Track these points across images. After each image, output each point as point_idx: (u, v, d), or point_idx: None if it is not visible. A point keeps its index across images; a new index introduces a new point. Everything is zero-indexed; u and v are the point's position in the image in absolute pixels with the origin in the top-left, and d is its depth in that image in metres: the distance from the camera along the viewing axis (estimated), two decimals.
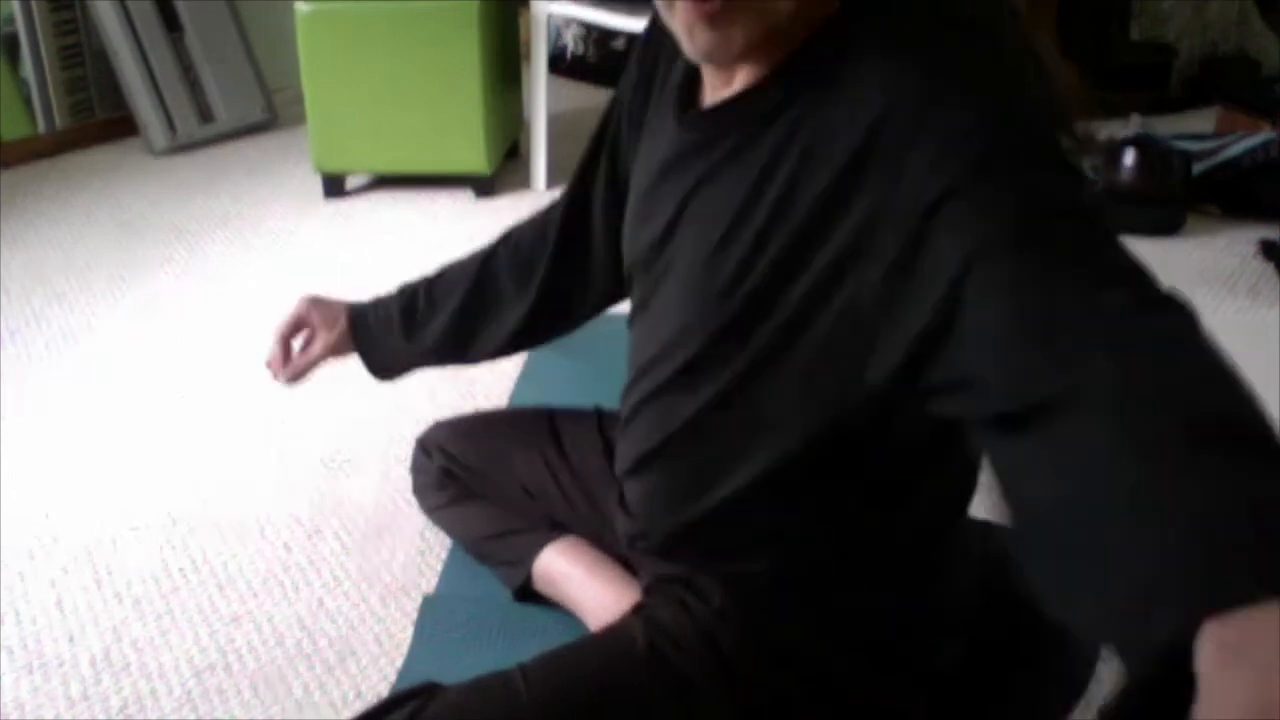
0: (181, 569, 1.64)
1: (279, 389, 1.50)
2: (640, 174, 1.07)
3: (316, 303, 1.46)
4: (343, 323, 1.43)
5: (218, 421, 2.07)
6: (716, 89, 0.94)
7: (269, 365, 1.47)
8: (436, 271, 1.42)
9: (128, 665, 1.46)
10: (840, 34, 0.84)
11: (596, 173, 1.25)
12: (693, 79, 0.99)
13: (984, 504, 1.01)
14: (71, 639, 1.51)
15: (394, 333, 1.40)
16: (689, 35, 0.85)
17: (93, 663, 1.46)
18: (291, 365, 1.45)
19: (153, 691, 1.41)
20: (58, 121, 3.73)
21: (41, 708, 1.39)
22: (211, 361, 2.30)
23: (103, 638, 1.51)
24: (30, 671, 1.45)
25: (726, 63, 0.89)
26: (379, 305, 1.43)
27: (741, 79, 0.91)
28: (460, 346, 1.39)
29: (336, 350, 1.44)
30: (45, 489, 1.87)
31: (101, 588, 1.61)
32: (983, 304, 0.69)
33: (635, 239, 1.07)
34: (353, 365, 1.50)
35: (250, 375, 2.19)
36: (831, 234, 0.81)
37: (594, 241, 1.28)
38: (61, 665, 1.46)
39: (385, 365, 1.46)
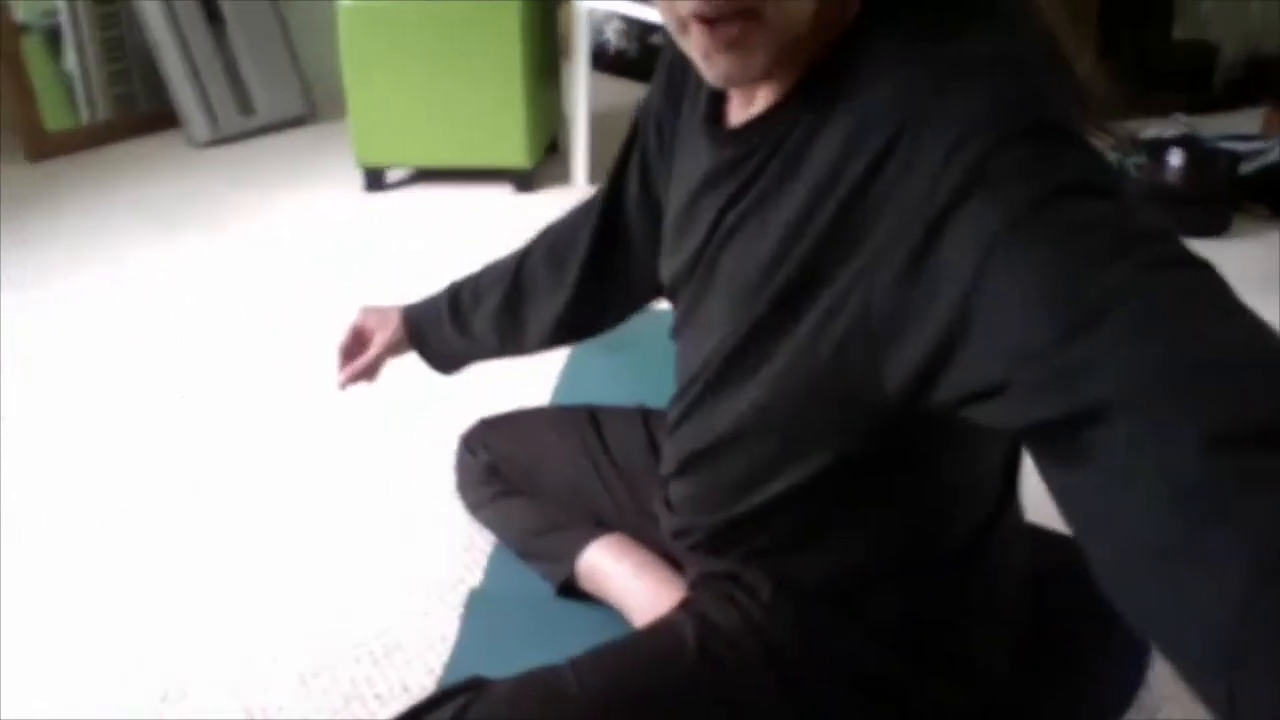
0: (225, 558, 1.66)
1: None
2: (676, 190, 1.07)
3: (370, 310, 1.52)
4: (396, 322, 1.47)
5: (259, 414, 2.09)
6: (742, 105, 0.94)
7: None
8: (480, 269, 1.45)
9: (175, 650, 1.47)
10: (856, 45, 0.83)
11: (628, 178, 1.25)
12: (720, 93, 0.99)
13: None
14: (116, 624, 1.52)
15: (444, 329, 1.43)
16: (707, 61, 0.84)
17: (137, 646, 1.48)
18: (351, 366, 1.47)
19: (198, 677, 1.42)
20: (100, 113, 3.77)
21: (87, 688, 1.41)
22: (253, 354, 2.32)
23: (149, 623, 1.52)
24: (77, 652, 1.46)
25: (747, 85, 0.89)
26: (429, 304, 1.47)
27: (765, 96, 0.90)
28: (507, 340, 1.42)
29: (393, 349, 1.48)
30: (84, 481, 1.89)
31: (145, 571, 1.62)
32: (999, 304, 0.67)
33: (674, 255, 1.07)
34: (397, 361, 1.51)
35: (291, 368, 2.22)
36: (857, 238, 0.80)
37: (630, 244, 1.29)
38: (108, 648, 1.47)
39: (443, 360, 1.50)
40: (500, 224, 3.04)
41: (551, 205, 3.12)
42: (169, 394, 2.17)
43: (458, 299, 1.44)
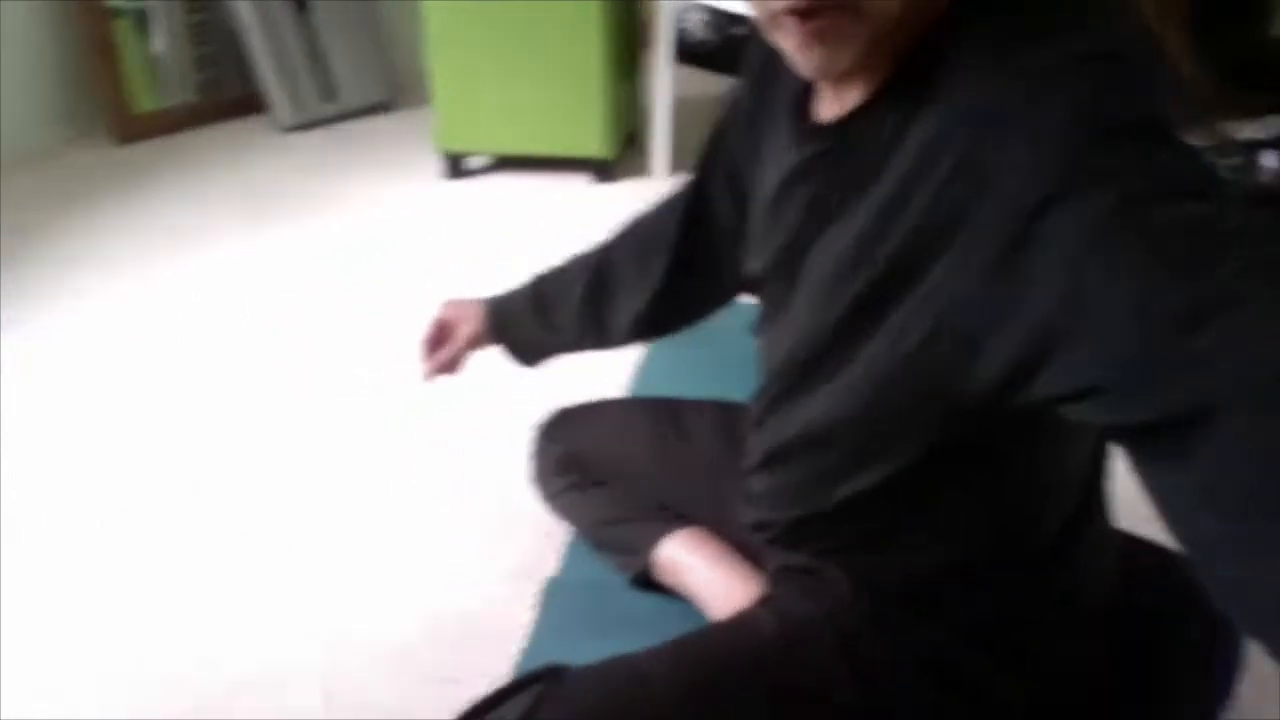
0: (305, 539, 1.68)
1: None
2: (762, 185, 1.07)
3: (453, 303, 1.53)
4: (479, 315, 1.48)
5: (341, 395, 2.11)
6: (831, 101, 0.93)
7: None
8: (563, 262, 1.45)
9: (254, 631, 1.49)
10: (947, 39, 0.82)
11: (713, 173, 1.25)
12: (808, 87, 0.98)
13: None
14: (200, 602, 1.55)
15: (527, 321, 1.44)
16: (800, 54, 0.85)
17: (220, 627, 1.50)
18: (434, 359, 1.48)
19: (278, 658, 1.44)
20: (187, 97, 3.83)
21: (172, 668, 1.43)
22: (333, 338, 2.35)
23: (230, 603, 1.55)
24: (159, 631, 1.49)
25: (839, 77, 0.89)
26: (511, 296, 1.47)
27: (855, 91, 0.89)
28: (590, 334, 1.42)
29: (476, 342, 1.49)
30: (175, 457, 1.92)
31: (227, 552, 1.65)
32: (1097, 308, 0.66)
33: (760, 251, 1.06)
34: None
35: (372, 352, 2.24)
36: (944, 237, 0.79)
37: (716, 239, 1.28)
38: (191, 627, 1.50)
39: (525, 352, 1.50)
40: (579, 214, 3.05)
41: (631, 196, 3.15)
42: (252, 374, 2.20)
43: (541, 292, 1.44)
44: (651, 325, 1.40)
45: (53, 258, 2.79)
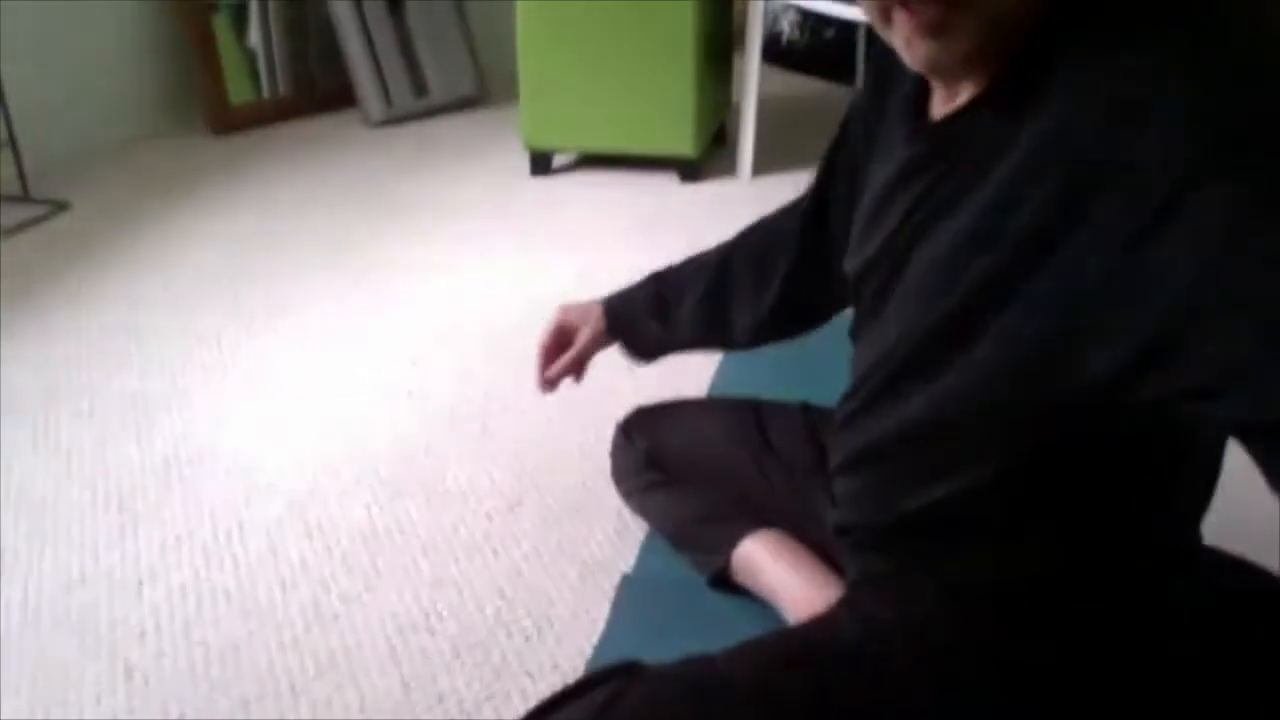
0: (387, 529, 1.69)
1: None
2: (872, 185, 1.06)
3: (569, 307, 1.53)
4: (598, 315, 1.49)
5: (426, 391, 2.13)
6: (944, 100, 0.92)
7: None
8: (681, 262, 1.46)
9: (336, 617, 1.51)
10: (1059, 32, 0.80)
11: (836, 178, 1.24)
12: (922, 88, 0.97)
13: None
14: (284, 587, 1.57)
15: (646, 320, 1.46)
16: (908, 47, 0.84)
17: (303, 612, 1.52)
18: (558, 364, 1.49)
19: (358, 644, 1.46)
20: (281, 90, 3.89)
21: (255, 652, 1.45)
22: (420, 332, 2.36)
23: (313, 589, 1.57)
24: (245, 616, 1.52)
25: (949, 73, 0.88)
26: (629, 296, 1.49)
27: (968, 89, 0.88)
28: (710, 335, 1.45)
29: (597, 343, 1.50)
30: (263, 446, 1.95)
31: (312, 541, 1.67)
32: (1234, 306, 0.65)
33: (862, 249, 1.05)
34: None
35: (455, 348, 2.25)
36: (1061, 229, 0.78)
37: (834, 250, 1.27)
38: (274, 612, 1.52)
39: (644, 350, 1.52)
40: (664, 212, 3.05)
41: (716, 195, 3.15)
42: (340, 363, 2.23)
43: (660, 290, 1.45)
44: (772, 329, 1.41)
45: (131, 244, 2.86)
